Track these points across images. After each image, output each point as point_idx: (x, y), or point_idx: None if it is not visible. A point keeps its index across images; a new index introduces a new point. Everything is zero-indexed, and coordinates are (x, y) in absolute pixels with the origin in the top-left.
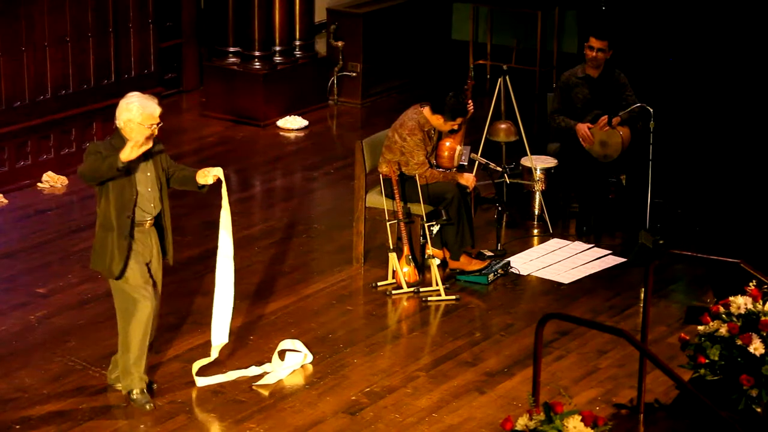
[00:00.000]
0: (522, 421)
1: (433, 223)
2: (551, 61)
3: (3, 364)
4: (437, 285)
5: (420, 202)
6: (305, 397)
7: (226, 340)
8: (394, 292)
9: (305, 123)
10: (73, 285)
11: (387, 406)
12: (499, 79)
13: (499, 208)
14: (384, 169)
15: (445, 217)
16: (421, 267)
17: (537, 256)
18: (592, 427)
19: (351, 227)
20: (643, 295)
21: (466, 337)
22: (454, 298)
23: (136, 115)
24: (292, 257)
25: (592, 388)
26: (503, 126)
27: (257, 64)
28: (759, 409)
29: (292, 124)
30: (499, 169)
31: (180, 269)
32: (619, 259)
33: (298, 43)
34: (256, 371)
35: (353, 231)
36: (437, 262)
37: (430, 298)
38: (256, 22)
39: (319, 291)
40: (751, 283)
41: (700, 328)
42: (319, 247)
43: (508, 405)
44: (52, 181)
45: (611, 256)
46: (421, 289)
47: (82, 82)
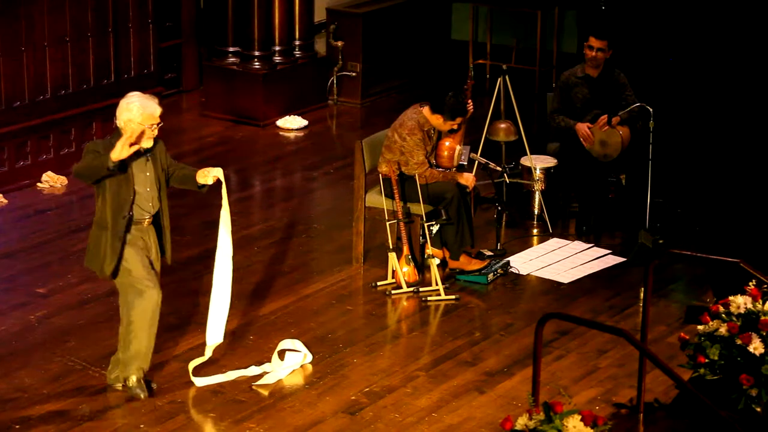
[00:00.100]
0: (522, 421)
1: (433, 222)
2: (551, 60)
3: (3, 364)
4: (437, 285)
5: (420, 202)
6: (305, 396)
7: (220, 340)
8: (393, 291)
9: (305, 123)
10: (73, 285)
11: (387, 405)
12: (499, 79)
13: (499, 208)
14: (384, 168)
15: (444, 217)
16: (421, 267)
17: (537, 255)
18: (592, 427)
19: (351, 227)
20: (642, 294)
21: (466, 337)
22: (453, 297)
23: (136, 115)
24: (291, 257)
25: (592, 388)
26: (503, 126)
27: (257, 64)
28: (759, 409)
29: (292, 123)
30: (498, 168)
31: (180, 269)
32: (619, 259)
33: (297, 42)
34: (255, 371)
35: (353, 231)
36: (437, 261)
37: (429, 298)
38: (256, 22)
39: (318, 291)
40: (750, 283)
41: (700, 327)
42: (318, 246)
43: (507, 405)
44: (51, 181)
45: (611, 256)
46: (421, 289)
47: (81, 82)
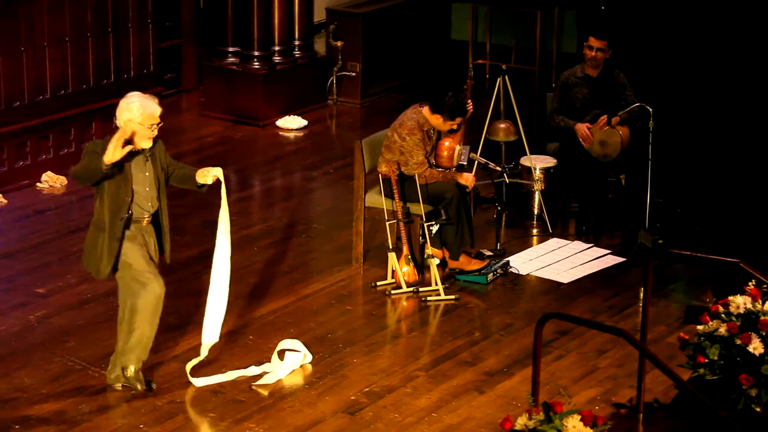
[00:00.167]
0: (521, 421)
1: (433, 222)
2: (550, 60)
3: (2, 364)
4: (436, 285)
5: (419, 202)
6: (305, 396)
7: (216, 339)
8: (393, 291)
9: (304, 123)
10: (73, 285)
11: (386, 405)
12: (499, 79)
13: (499, 208)
14: (383, 168)
15: (444, 217)
16: (421, 267)
17: (536, 255)
18: (592, 427)
19: (350, 227)
20: (642, 294)
21: (466, 337)
22: (453, 297)
23: (136, 114)
24: (291, 257)
25: (592, 388)
26: (502, 126)
27: (256, 63)
28: (758, 409)
29: (292, 123)
30: (498, 168)
31: (180, 269)
32: (619, 259)
33: (297, 42)
34: (255, 371)
35: (352, 231)
36: (436, 261)
37: (429, 298)
38: (256, 22)
39: (318, 291)
40: (750, 283)
41: (700, 327)
42: (318, 246)
43: (507, 405)
44: (51, 181)
45: (610, 256)
46: (421, 289)
47: (81, 82)
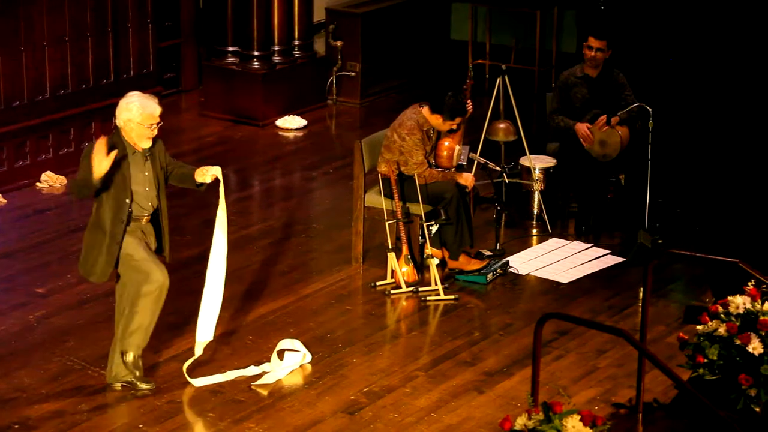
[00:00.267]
0: (521, 421)
1: (432, 222)
2: (550, 60)
3: (2, 363)
4: (436, 285)
5: (419, 202)
6: (304, 396)
7: (210, 338)
8: (393, 291)
9: (304, 123)
10: (72, 285)
11: (386, 405)
12: (498, 79)
13: (498, 208)
14: (383, 168)
15: (444, 217)
16: (420, 267)
17: (536, 255)
18: (591, 427)
19: (350, 227)
20: (641, 294)
21: (465, 337)
22: (452, 297)
23: (136, 114)
24: (291, 257)
25: (591, 388)
26: (502, 126)
27: (256, 63)
28: (758, 409)
29: (291, 123)
30: (498, 168)
31: (179, 269)
32: (618, 259)
33: (297, 42)
34: (254, 371)
35: (352, 231)
36: (436, 261)
37: (429, 298)
38: (255, 22)
39: (318, 291)
40: (749, 283)
41: (699, 327)
42: (318, 246)
43: (507, 405)
44: (50, 180)
45: (610, 256)
46: (420, 289)
47: (81, 81)
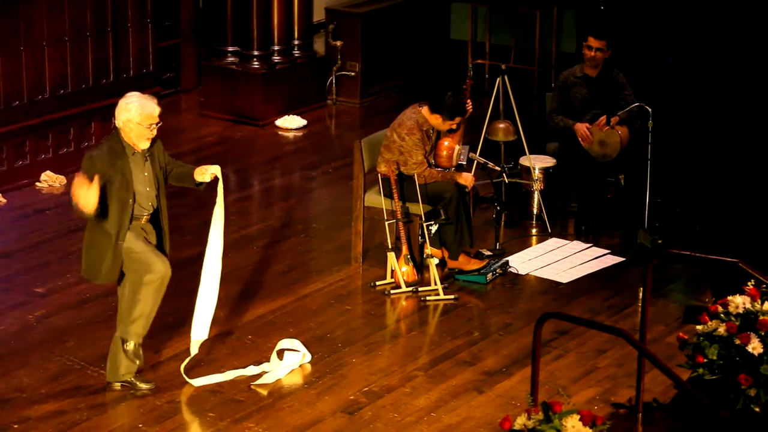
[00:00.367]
0: (520, 421)
1: (432, 222)
2: (550, 60)
3: (1, 363)
4: (436, 284)
5: (419, 202)
6: (304, 396)
7: (205, 336)
8: (392, 291)
9: (304, 122)
10: (72, 285)
11: (385, 405)
12: (498, 79)
13: (498, 208)
14: (383, 168)
15: (443, 217)
16: (420, 266)
17: (535, 255)
18: (591, 427)
19: (349, 227)
20: (641, 294)
21: (465, 337)
22: (452, 297)
23: (135, 114)
24: (290, 257)
25: (591, 388)
26: (502, 125)
27: (256, 63)
28: (757, 409)
29: (291, 123)
30: (497, 168)
31: (179, 268)
32: (618, 259)
33: (296, 42)
34: (254, 371)
35: (352, 230)
36: (436, 261)
37: (428, 298)
38: (255, 22)
39: (317, 290)
40: (749, 283)
41: (699, 327)
42: (317, 246)
43: (506, 404)
44: (50, 180)
45: (610, 256)
46: (420, 289)
47: (80, 81)
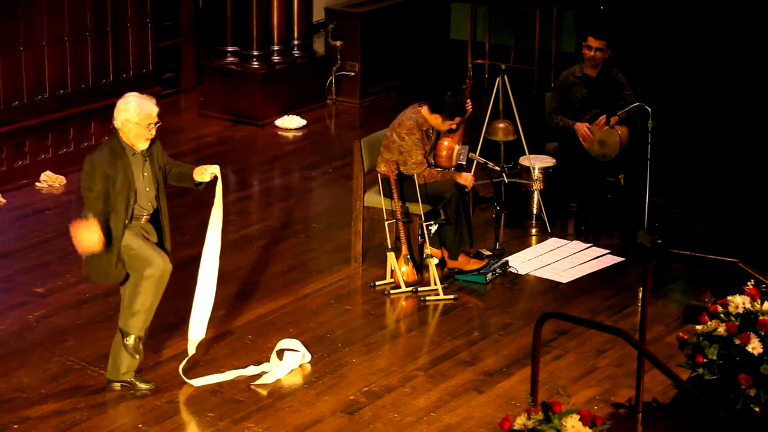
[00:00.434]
0: (520, 421)
1: (432, 222)
2: (549, 60)
3: (1, 363)
4: (435, 284)
5: (418, 202)
6: (303, 396)
7: (202, 336)
8: (392, 291)
9: (303, 122)
10: (72, 285)
11: (385, 405)
12: (498, 79)
13: (498, 208)
14: (382, 168)
15: (443, 217)
16: (420, 266)
17: (535, 255)
18: (591, 427)
19: (349, 227)
20: (641, 294)
21: (465, 337)
22: (452, 297)
23: (133, 114)
24: (290, 257)
25: (591, 388)
26: (501, 125)
27: (255, 63)
28: (757, 409)
29: (291, 123)
30: (497, 168)
31: (179, 268)
32: (618, 259)
33: (296, 42)
34: (254, 371)
35: (351, 230)
36: (435, 261)
37: (428, 298)
38: (255, 22)
39: (317, 290)
40: (749, 283)
41: (699, 327)
42: (317, 246)
43: (506, 404)
44: (50, 180)
45: (609, 256)
46: (420, 289)
47: (80, 81)
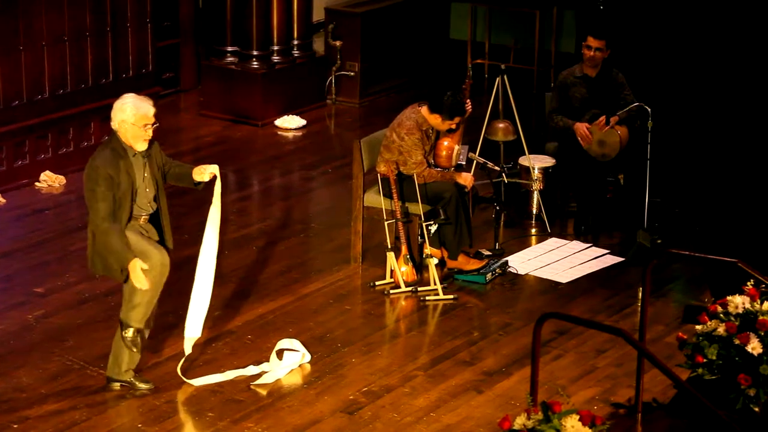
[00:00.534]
0: (520, 421)
1: (432, 222)
2: (549, 60)
3: (1, 363)
4: (435, 284)
5: (418, 202)
6: (303, 396)
7: (198, 335)
8: (392, 291)
9: (303, 122)
10: (71, 284)
11: (385, 405)
12: (497, 79)
13: (497, 208)
14: (382, 168)
15: (443, 217)
16: (419, 266)
17: (535, 255)
18: (590, 427)
19: (349, 226)
20: (641, 294)
21: (464, 337)
22: (452, 297)
23: (129, 115)
24: (290, 256)
25: (590, 388)
26: (501, 125)
27: (255, 63)
28: (757, 409)
29: (290, 123)
30: (497, 168)
31: (178, 268)
32: (617, 259)
33: (296, 42)
34: (254, 370)
35: (351, 230)
36: (435, 261)
37: (428, 298)
38: (254, 22)
39: (317, 290)
40: (748, 283)
41: (698, 327)
42: (317, 246)
43: (506, 404)
44: (49, 180)
45: (609, 256)
46: (419, 289)
47: (80, 81)
